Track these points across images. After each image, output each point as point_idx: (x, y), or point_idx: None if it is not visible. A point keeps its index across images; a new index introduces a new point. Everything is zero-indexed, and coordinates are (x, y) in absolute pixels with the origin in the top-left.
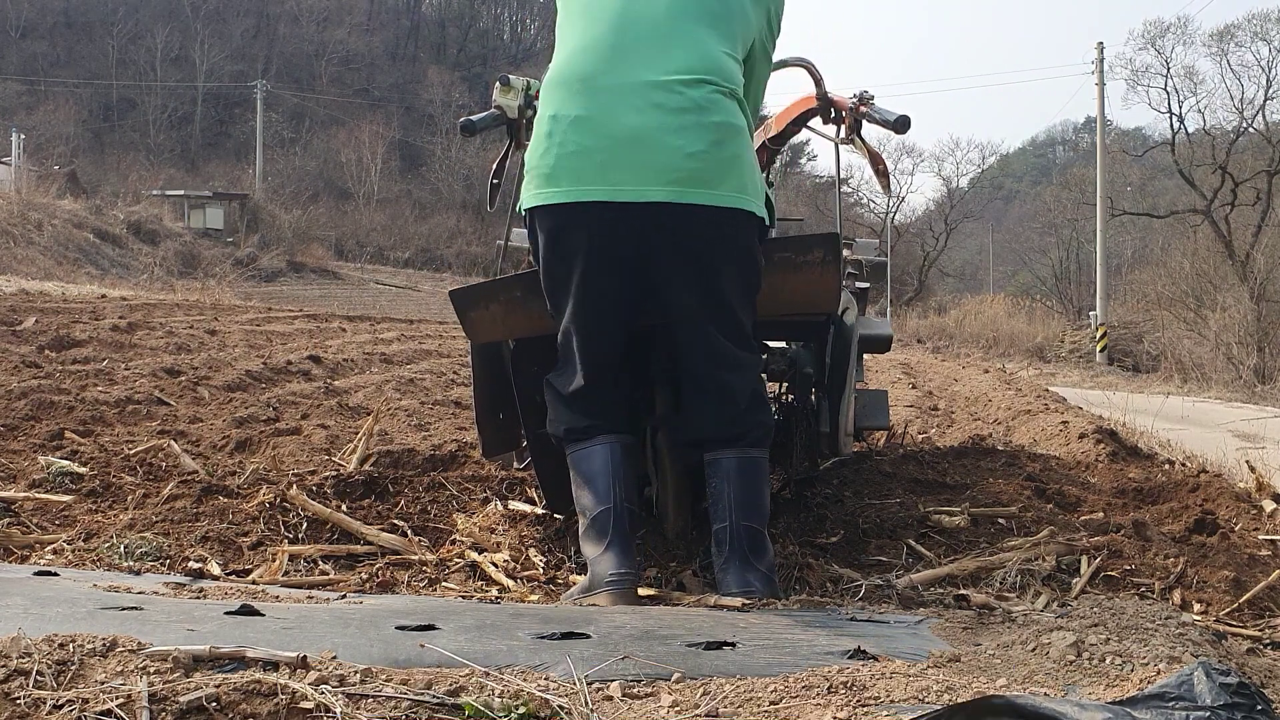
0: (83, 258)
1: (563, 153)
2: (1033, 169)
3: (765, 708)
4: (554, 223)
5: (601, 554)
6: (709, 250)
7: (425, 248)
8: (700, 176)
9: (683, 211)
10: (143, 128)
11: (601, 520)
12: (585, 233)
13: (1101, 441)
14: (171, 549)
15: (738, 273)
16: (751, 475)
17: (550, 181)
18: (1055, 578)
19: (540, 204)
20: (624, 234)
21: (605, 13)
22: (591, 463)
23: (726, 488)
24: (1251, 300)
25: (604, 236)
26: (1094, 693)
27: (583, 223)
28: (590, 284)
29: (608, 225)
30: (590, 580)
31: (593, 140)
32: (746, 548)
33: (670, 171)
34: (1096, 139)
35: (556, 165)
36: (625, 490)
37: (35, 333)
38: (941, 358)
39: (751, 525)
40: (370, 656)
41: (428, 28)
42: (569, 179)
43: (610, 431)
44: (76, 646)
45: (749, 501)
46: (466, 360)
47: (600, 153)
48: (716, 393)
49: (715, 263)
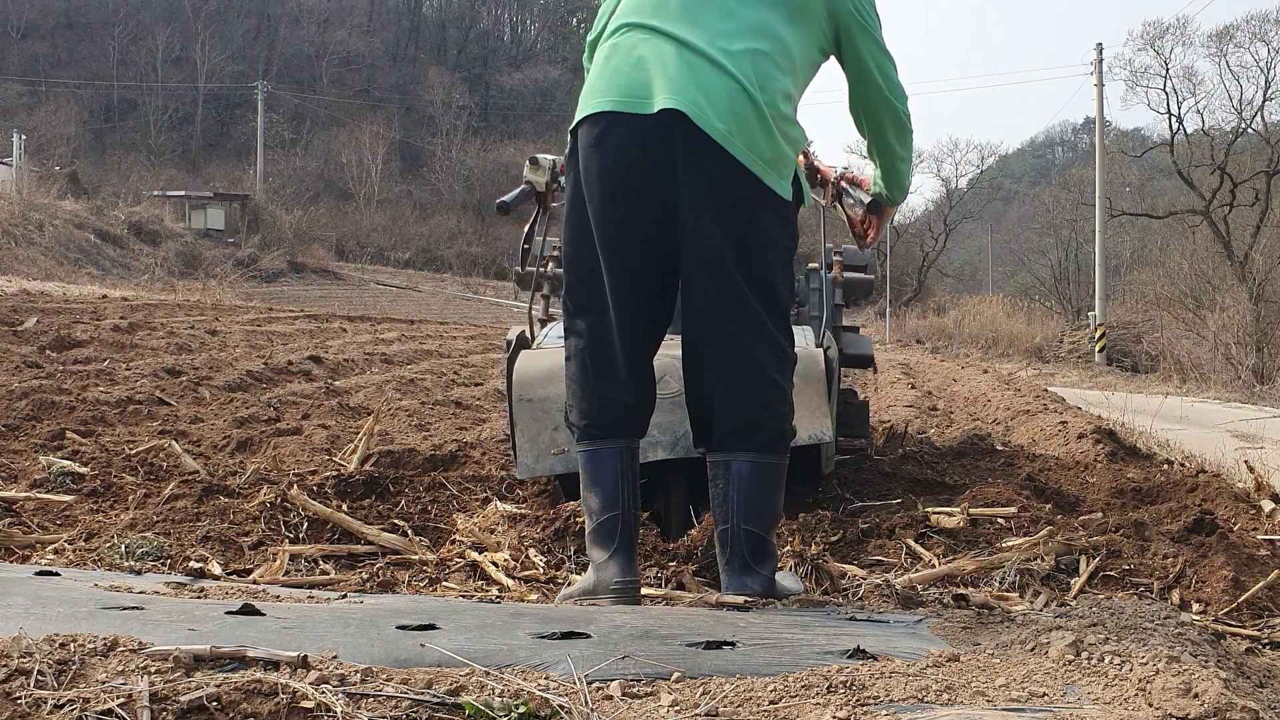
0: (84, 258)
1: (619, 66)
2: (1032, 170)
3: (765, 707)
4: (590, 134)
5: (607, 560)
6: (738, 192)
7: (425, 248)
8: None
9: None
10: (144, 128)
11: (609, 526)
12: (612, 142)
13: (1100, 442)
14: (172, 549)
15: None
16: (764, 481)
17: (593, 94)
18: (1054, 577)
19: (582, 115)
20: (653, 149)
21: None
22: (601, 466)
23: (732, 491)
24: (1250, 300)
25: (633, 147)
26: (1093, 692)
27: (615, 130)
28: (618, 206)
29: (642, 135)
30: (594, 583)
31: (650, 56)
32: (747, 552)
33: (714, 98)
34: (1095, 139)
35: (610, 78)
36: (632, 496)
37: (36, 333)
38: (941, 358)
39: (754, 530)
40: (371, 656)
41: (428, 29)
42: (617, 89)
43: (622, 435)
44: (77, 646)
45: (756, 507)
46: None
47: (652, 67)
48: (736, 362)
49: (746, 207)
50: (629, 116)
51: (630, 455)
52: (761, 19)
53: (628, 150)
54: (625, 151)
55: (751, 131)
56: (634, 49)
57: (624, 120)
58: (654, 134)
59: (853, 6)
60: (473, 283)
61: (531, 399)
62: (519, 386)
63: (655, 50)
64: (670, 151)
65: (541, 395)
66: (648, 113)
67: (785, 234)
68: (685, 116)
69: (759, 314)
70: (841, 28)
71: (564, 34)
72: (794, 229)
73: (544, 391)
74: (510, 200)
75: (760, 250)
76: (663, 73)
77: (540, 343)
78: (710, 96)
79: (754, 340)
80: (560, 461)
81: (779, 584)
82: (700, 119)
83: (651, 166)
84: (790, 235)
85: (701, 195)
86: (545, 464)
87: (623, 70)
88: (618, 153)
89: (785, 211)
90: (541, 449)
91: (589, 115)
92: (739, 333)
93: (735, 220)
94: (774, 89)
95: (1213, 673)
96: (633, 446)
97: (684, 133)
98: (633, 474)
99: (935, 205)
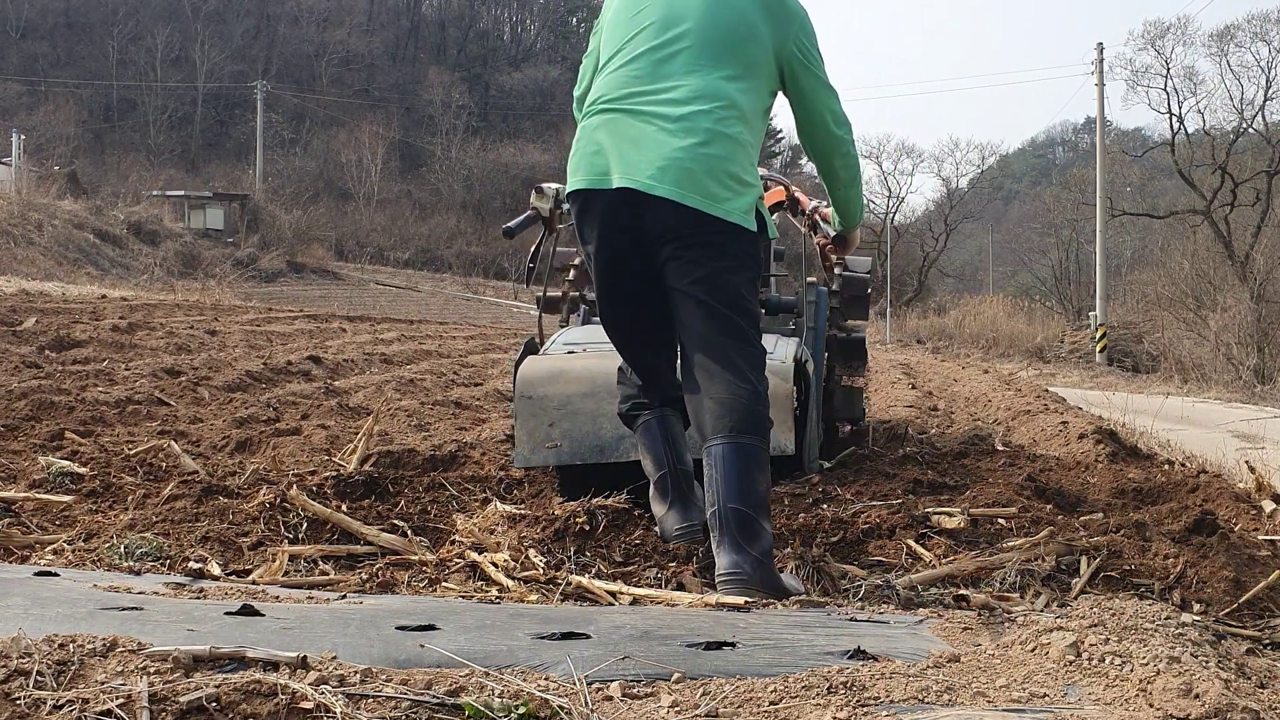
0: (83, 258)
1: (584, 152)
2: (1032, 169)
3: (765, 708)
4: (575, 209)
5: (666, 512)
6: (698, 233)
7: (425, 248)
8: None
9: (665, 203)
10: (143, 128)
11: (661, 483)
12: (595, 210)
13: (1101, 442)
14: (172, 549)
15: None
16: (741, 460)
17: (572, 173)
18: (1055, 578)
19: (568, 186)
20: (623, 217)
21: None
22: (646, 435)
23: (715, 473)
24: (1251, 301)
25: (606, 215)
26: (1094, 693)
27: (594, 202)
28: (603, 256)
29: (608, 206)
30: (661, 534)
31: (606, 141)
32: (736, 530)
33: (656, 163)
34: (1096, 139)
35: (578, 162)
36: (676, 454)
37: (35, 333)
38: (941, 358)
39: (740, 509)
40: (370, 656)
41: (428, 28)
42: (585, 171)
43: (656, 406)
44: (77, 647)
45: (737, 486)
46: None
47: (609, 150)
48: (717, 363)
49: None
50: (597, 193)
51: (667, 421)
52: (708, 85)
53: (604, 221)
54: (602, 223)
55: (703, 183)
56: (595, 132)
57: (595, 195)
58: (620, 203)
59: (796, 50)
60: (472, 283)
61: (532, 396)
62: (522, 385)
63: (614, 131)
64: (639, 215)
65: (540, 394)
66: (609, 188)
67: (749, 260)
68: (635, 190)
69: (736, 323)
70: (787, 69)
71: (564, 34)
72: (756, 256)
73: (543, 391)
74: (515, 226)
75: (727, 274)
76: (617, 153)
77: (547, 349)
78: (661, 163)
79: (732, 343)
80: (553, 454)
81: (777, 576)
82: (649, 188)
83: (621, 230)
84: (754, 259)
85: (670, 241)
86: (540, 455)
87: (587, 155)
88: (595, 224)
89: (746, 242)
90: (537, 442)
91: (570, 192)
92: (719, 338)
93: (702, 256)
94: (723, 143)
95: (1213, 673)
96: (667, 414)
97: (641, 199)
98: (673, 436)
99: (936, 205)
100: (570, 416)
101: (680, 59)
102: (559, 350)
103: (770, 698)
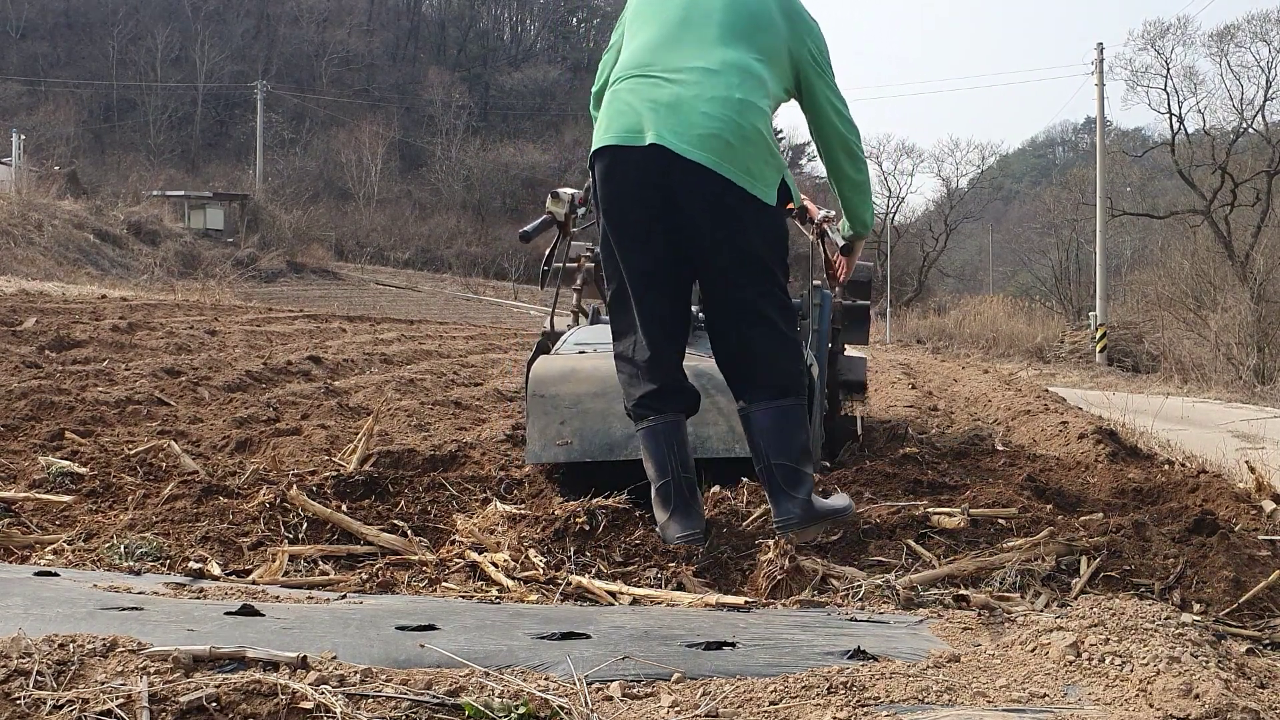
0: (83, 258)
1: (614, 112)
2: (1032, 169)
3: (765, 708)
4: (600, 168)
5: (668, 520)
6: (725, 198)
7: (425, 248)
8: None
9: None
10: (143, 128)
11: (664, 491)
12: (624, 167)
13: (1101, 442)
14: (171, 549)
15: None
16: (783, 421)
17: (599, 133)
18: (1055, 578)
19: (592, 150)
20: (653, 175)
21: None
22: (651, 440)
23: (759, 437)
24: (1251, 300)
25: (637, 171)
26: (1094, 693)
27: (624, 158)
28: (628, 213)
29: (641, 162)
30: (661, 539)
31: (637, 102)
32: (781, 482)
33: (694, 129)
34: (1096, 139)
35: (608, 121)
36: (681, 461)
37: (35, 333)
38: (941, 358)
39: (784, 463)
40: (370, 657)
41: (428, 28)
42: (616, 129)
43: (665, 411)
44: (76, 647)
45: (778, 444)
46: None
47: (641, 111)
48: (750, 322)
49: (734, 209)
50: (626, 149)
51: (674, 427)
52: (739, 58)
53: (629, 178)
54: (627, 179)
55: (736, 154)
56: (626, 95)
57: (623, 152)
58: (652, 160)
59: (811, 56)
60: (472, 283)
61: (544, 395)
62: (534, 384)
63: (646, 93)
64: (667, 175)
65: (553, 393)
66: (641, 145)
67: (773, 229)
68: (668, 149)
69: (761, 283)
70: (802, 74)
71: (564, 34)
72: (781, 226)
73: (555, 390)
74: (532, 230)
75: (749, 239)
76: (651, 113)
77: (558, 349)
78: (693, 126)
79: (761, 303)
80: (564, 451)
81: (821, 502)
82: (681, 149)
83: (652, 188)
84: (779, 229)
85: (696, 204)
86: (550, 453)
87: (618, 114)
88: (623, 182)
89: (770, 212)
90: (549, 439)
91: (596, 150)
92: (749, 298)
93: (727, 220)
94: (750, 112)
95: (1213, 673)
96: (677, 420)
97: (672, 159)
98: (679, 443)
99: (936, 205)
100: (581, 415)
101: (710, 34)
102: (570, 350)
103: (770, 698)
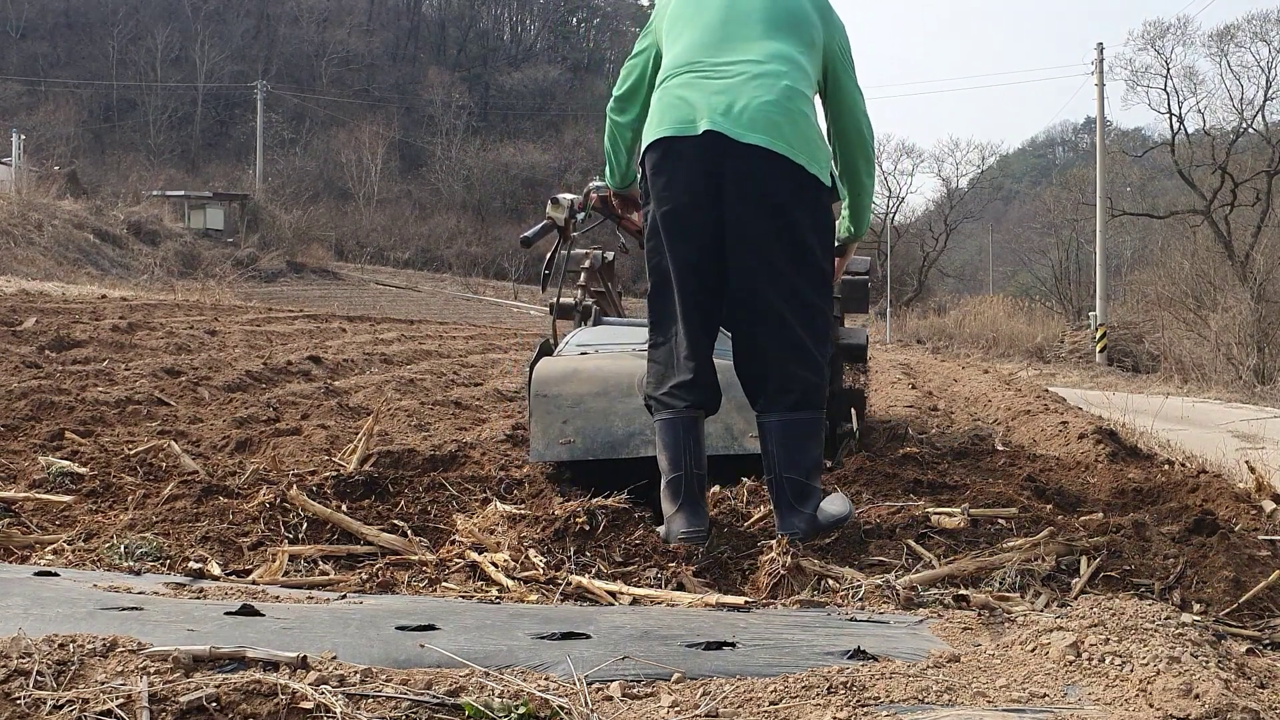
0: (83, 258)
1: (666, 104)
2: (1032, 169)
3: (765, 708)
4: (653, 159)
5: (675, 513)
6: (781, 183)
7: (425, 248)
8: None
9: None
10: (143, 128)
11: (675, 484)
12: (678, 156)
13: (1101, 442)
14: (171, 549)
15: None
16: (798, 434)
17: (651, 127)
18: (1055, 578)
19: (645, 144)
20: (709, 163)
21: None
22: (669, 432)
23: (773, 446)
24: (1251, 300)
25: (692, 160)
26: (1094, 693)
27: (678, 148)
28: (682, 201)
29: (695, 150)
30: (667, 534)
31: (690, 95)
32: (790, 495)
33: (747, 114)
34: (1096, 139)
35: (661, 114)
36: (695, 458)
37: (35, 333)
38: (941, 358)
39: (794, 477)
40: (370, 657)
41: (428, 28)
42: (669, 120)
43: (691, 402)
44: (76, 647)
45: (791, 458)
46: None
47: (695, 102)
48: (772, 330)
49: (786, 195)
50: (680, 140)
51: (694, 423)
52: (783, 48)
53: (682, 168)
54: (680, 169)
55: (785, 131)
56: (678, 89)
57: (677, 143)
58: (704, 150)
59: (839, 51)
60: (472, 282)
61: (546, 395)
62: (536, 384)
63: (698, 86)
64: (720, 164)
65: (555, 393)
66: (695, 134)
67: (823, 214)
68: (723, 135)
69: (796, 285)
70: (830, 69)
71: (564, 34)
72: (830, 212)
73: (557, 390)
74: (533, 235)
75: (797, 227)
76: (705, 102)
77: (560, 351)
78: (746, 111)
79: (789, 308)
80: (567, 450)
81: (824, 512)
82: (736, 133)
83: (705, 176)
84: (827, 216)
85: (745, 190)
86: (553, 451)
87: (671, 106)
88: (675, 171)
89: (823, 195)
90: (551, 438)
91: (650, 144)
92: (777, 302)
93: (778, 211)
94: (798, 98)
95: (1213, 673)
96: (695, 416)
97: (727, 145)
98: (696, 439)
99: (936, 205)
100: (583, 414)
101: (754, 30)
102: (572, 351)
103: (770, 698)
